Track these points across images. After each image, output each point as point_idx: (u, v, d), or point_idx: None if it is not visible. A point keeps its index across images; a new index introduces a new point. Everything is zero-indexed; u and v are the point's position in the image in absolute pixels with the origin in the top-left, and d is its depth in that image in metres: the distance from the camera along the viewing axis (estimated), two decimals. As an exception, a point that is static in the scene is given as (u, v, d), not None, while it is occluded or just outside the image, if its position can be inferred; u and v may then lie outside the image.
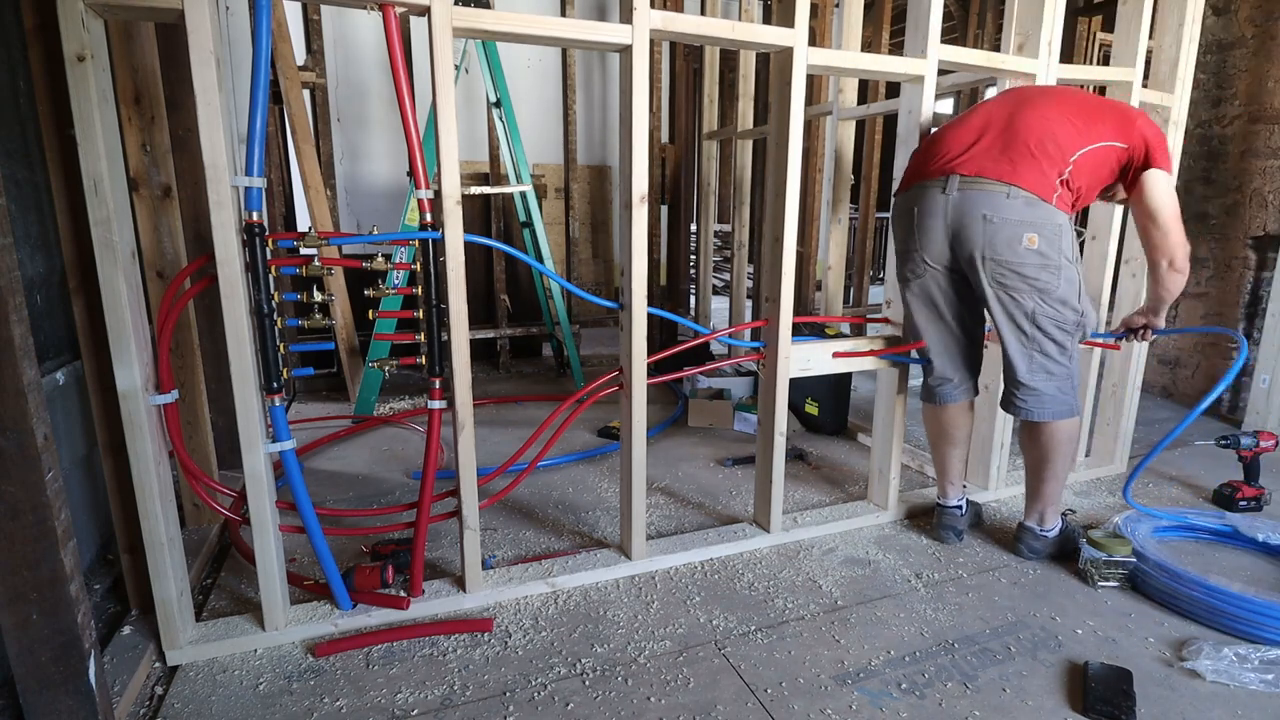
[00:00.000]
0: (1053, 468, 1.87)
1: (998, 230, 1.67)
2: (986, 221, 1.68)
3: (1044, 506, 1.92)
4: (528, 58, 4.74)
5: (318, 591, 1.68)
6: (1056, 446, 1.85)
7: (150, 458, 1.38)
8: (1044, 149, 1.66)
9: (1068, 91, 1.80)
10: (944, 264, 1.81)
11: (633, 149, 1.62)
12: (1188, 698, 1.43)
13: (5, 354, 0.98)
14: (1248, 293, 3.20)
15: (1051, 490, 1.90)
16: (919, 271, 1.86)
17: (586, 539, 2.06)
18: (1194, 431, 3.04)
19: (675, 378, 2.20)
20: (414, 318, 1.56)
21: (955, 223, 1.73)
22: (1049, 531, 1.94)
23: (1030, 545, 1.95)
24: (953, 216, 1.73)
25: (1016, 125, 1.70)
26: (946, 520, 2.04)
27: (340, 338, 3.38)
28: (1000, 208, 1.67)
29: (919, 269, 1.85)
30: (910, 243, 1.85)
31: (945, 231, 1.76)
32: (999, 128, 1.72)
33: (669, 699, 1.41)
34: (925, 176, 1.79)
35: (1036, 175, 1.65)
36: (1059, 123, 1.68)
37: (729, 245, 4.14)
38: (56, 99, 1.36)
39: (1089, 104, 1.74)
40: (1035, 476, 1.92)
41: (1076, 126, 1.68)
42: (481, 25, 1.46)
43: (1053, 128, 1.67)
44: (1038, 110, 1.71)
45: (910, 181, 1.85)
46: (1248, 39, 3.11)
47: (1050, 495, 1.91)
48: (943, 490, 2.08)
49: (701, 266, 4.32)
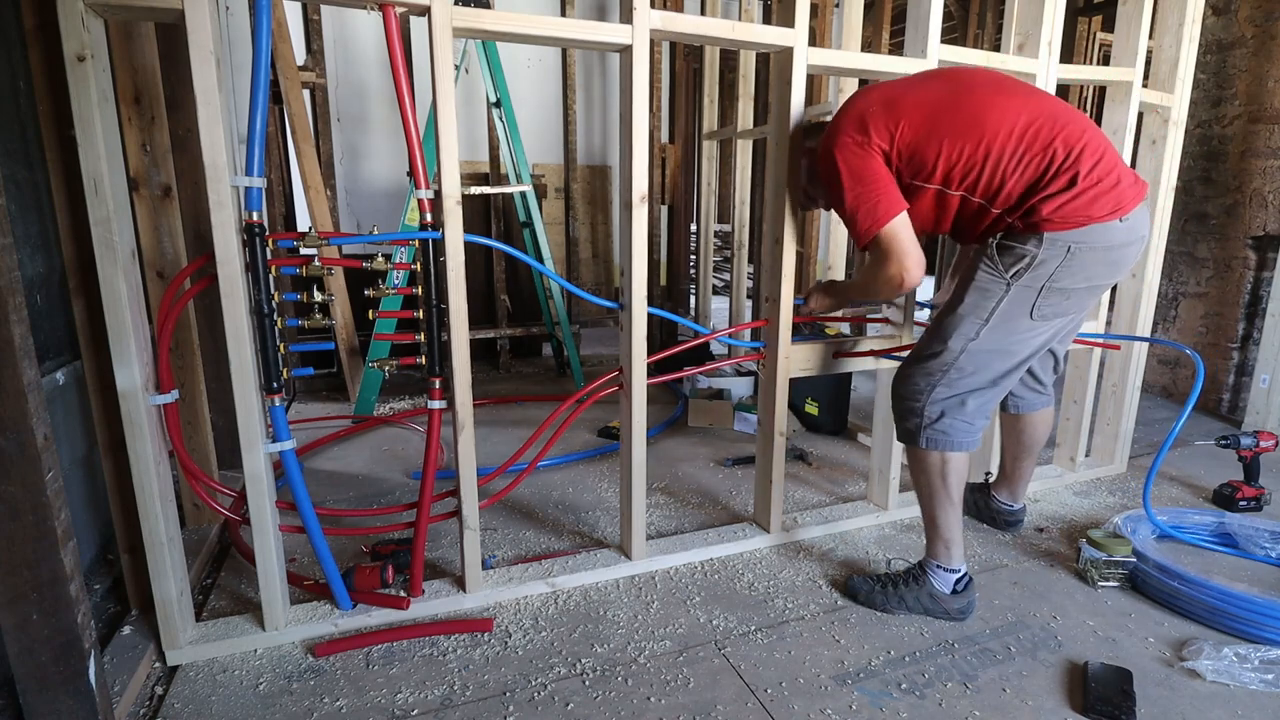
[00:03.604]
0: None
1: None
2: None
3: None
4: (528, 58, 4.75)
5: (318, 591, 1.68)
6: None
7: (150, 458, 1.38)
8: None
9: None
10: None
11: (633, 149, 1.62)
12: (1188, 698, 1.43)
13: (5, 354, 0.98)
14: (1247, 293, 3.20)
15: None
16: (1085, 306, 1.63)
17: (586, 539, 2.06)
18: (1194, 431, 3.04)
19: (675, 378, 2.20)
20: (414, 318, 1.56)
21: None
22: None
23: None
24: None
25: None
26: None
27: (340, 338, 3.38)
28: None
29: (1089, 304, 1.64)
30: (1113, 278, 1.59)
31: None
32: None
33: (669, 699, 1.41)
34: (1136, 201, 1.49)
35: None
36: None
37: (729, 245, 4.14)
38: (56, 99, 1.36)
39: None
40: (1031, 461, 2.00)
41: None
42: (481, 25, 1.46)
43: None
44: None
45: (1130, 206, 1.47)
46: (1248, 39, 3.11)
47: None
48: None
49: (701, 267, 4.32)
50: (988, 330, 1.54)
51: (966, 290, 1.55)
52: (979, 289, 1.53)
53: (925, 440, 1.62)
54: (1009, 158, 1.45)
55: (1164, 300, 3.49)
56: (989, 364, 1.57)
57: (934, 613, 1.68)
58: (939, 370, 1.59)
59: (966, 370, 1.57)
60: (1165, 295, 3.47)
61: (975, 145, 1.46)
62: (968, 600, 1.68)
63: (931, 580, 1.69)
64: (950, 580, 1.68)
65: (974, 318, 1.55)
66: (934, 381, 1.60)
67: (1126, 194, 1.45)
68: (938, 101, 1.51)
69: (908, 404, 1.65)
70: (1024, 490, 2.07)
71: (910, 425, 1.65)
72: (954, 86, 1.54)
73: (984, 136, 1.46)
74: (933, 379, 1.60)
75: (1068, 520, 2.21)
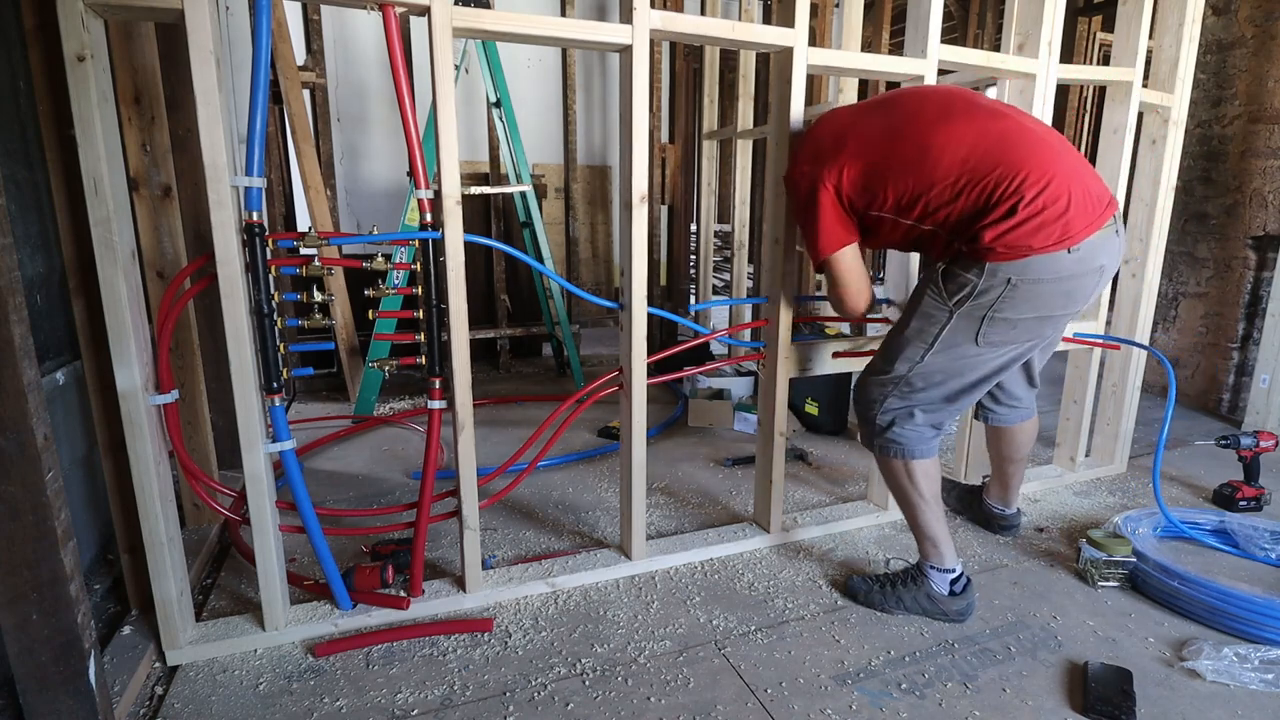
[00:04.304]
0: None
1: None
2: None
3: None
4: (528, 58, 4.74)
5: (318, 591, 1.68)
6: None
7: (150, 458, 1.38)
8: None
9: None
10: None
11: (633, 149, 1.62)
12: (1188, 698, 1.43)
13: (5, 354, 0.98)
14: (1247, 293, 3.20)
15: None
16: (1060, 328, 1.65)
17: (586, 539, 2.06)
18: (1194, 431, 3.04)
19: (675, 378, 2.20)
20: (414, 318, 1.56)
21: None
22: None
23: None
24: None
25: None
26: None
27: (340, 338, 3.38)
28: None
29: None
30: (1079, 302, 1.55)
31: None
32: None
33: (669, 699, 1.41)
34: (1089, 230, 1.45)
35: None
36: None
37: (729, 245, 4.14)
38: (56, 99, 1.36)
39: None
40: (1017, 467, 2.00)
41: None
42: (481, 25, 1.46)
43: None
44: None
45: (1080, 236, 1.43)
46: (1248, 39, 3.11)
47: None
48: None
49: (701, 266, 4.32)
50: (932, 354, 1.57)
51: (913, 315, 1.58)
52: (923, 314, 1.56)
53: (879, 447, 1.68)
54: (949, 187, 1.45)
55: (1164, 300, 3.49)
56: (942, 383, 1.60)
57: (932, 614, 1.68)
58: (890, 384, 1.63)
59: (916, 385, 1.61)
60: (1165, 295, 3.47)
61: (917, 178, 1.47)
62: (966, 602, 1.68)
63: (929, 581, 1.69)
64: (946, 581, 1.68)
65: (918, 342, 1.58)
66: (886, 392, 1.64)
67: (1075, 223, 1.40)
68: (883, 133, 1.53)
69: (862, 412, 1.71)
70: (1016, 495, 2.07)
71: (865, 432, 1.71)
72: (901, 116, 1.55)
73: (924, 167, 1.47)
74: (885, 389, 1.64)
75: (1068, 520, 2.21)
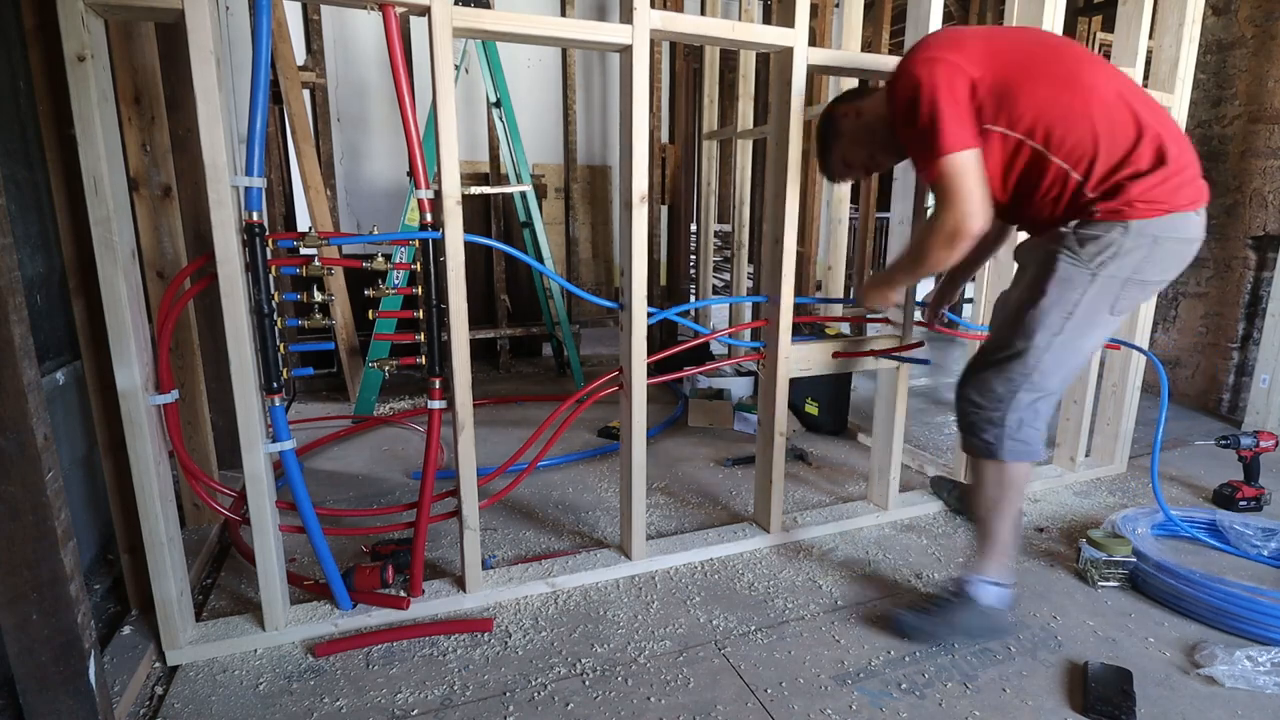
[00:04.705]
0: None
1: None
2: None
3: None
4: (528, 58, 4.74)
5: (318, 591, 1.68)
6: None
7: (150, 458, 1.38)
8: None
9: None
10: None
11: (633, 149, 1.62)
12: (1187, 698, 1.43)
13: (5, 354, 0.98)
14: (1247, 293, 3.20)
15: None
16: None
17: (586, 539, 2.06)
18: (1194, 431, 3.04)
19: (675, 378, 2.20)
20: (414, 318, 1.56)
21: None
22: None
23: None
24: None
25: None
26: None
27: (340, 338, 3.38)
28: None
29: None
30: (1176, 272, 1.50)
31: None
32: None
33: (669, 699, 1.41)
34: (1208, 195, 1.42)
35: None
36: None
37: (729, 245, 4.14)
38: (56, 99, 1.36)
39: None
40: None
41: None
42: (481, 25, 1.46)
43: None
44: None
45: (1203, 199, 1.41)
46: (1248, 39, 3.11)
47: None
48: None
49: (701, 266, 4.32)
50: (1071, 325, 1.41)
51: (1048, 282, 1.41)
52: (1062, 280, 1.40)
53: (1010, 452, 1.48)
54: (1104, 121, 1.31)
55: (1164, 300, 3.49)
56: (1066, 362, 1.45)
57: (983, 633, 1.56)
58: (1020, 374, 1.45)
59: (1049, 371, 1.44)
60: (1165, 295, 3.47)
61: (1073, 95, 1.32)
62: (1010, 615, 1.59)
63: (980, 596, 1.55)
64: (1006, 595, 1.57)
65: (1058, 311, 1.41)
66: (1015, 387, 1.46)
67: (1203, 186, 1.38)
68: (1035, 45, 1.41)
69: (986, 414, 1.49)
70: None
71: (990, 437, 1.49)
72: (1046, 37, 1.47)
73: (1075, 91, 1.32)
74: (1014, 384, 1.46)
75: (1068, 520, 2.21)
